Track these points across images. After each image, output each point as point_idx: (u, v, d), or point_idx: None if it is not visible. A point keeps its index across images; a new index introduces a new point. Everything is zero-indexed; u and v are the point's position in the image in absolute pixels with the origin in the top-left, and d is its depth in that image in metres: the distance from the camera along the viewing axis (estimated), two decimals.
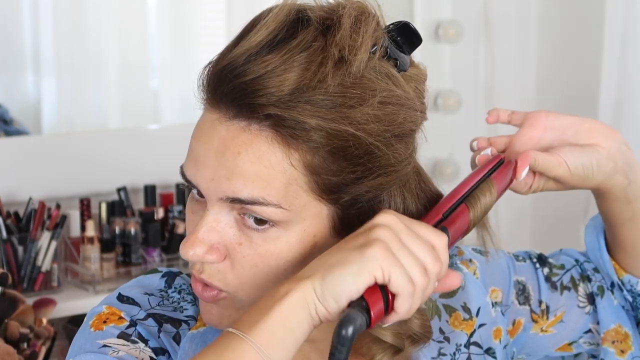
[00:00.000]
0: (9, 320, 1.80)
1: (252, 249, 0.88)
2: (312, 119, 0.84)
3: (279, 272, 0.88)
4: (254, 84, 0.84)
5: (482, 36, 2.77)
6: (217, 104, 0.88)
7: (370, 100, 0.86)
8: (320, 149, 0.85)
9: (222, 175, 0.86)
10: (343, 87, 0.85)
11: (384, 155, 0.88)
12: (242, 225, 0.88)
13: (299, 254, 0.88)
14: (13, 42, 2.37)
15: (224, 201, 0.87)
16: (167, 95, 2.57)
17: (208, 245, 0.88)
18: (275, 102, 0.84)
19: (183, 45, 2.55)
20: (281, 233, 0.87)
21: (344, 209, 0.89)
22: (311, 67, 0.85)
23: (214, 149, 0.87)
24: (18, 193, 2.13)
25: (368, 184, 0.88)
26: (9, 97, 2.37)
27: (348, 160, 0.86)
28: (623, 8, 2.44)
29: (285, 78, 0.84)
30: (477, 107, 2.79)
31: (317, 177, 0.86)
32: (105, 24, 2.43)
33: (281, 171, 0.85)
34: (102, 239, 2.11)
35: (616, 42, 2.46)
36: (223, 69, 0.87)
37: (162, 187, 2.30)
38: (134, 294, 0.96)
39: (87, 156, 2.25)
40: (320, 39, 0.86)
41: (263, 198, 0.85)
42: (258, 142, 0.85)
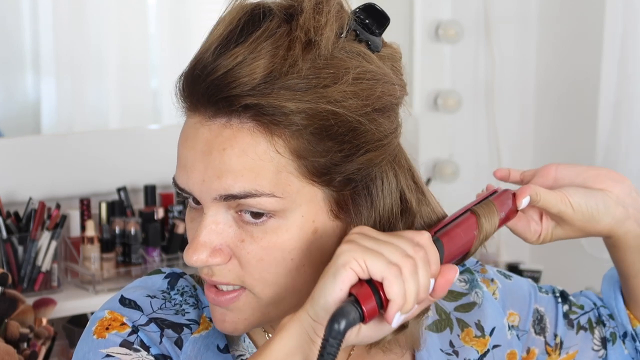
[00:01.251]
0: (9, 320, 1.80)
1: (255, 243, 0.88)
2: (289, 102, 0.85)
3: (286, 262, 0.88)
4: (226, 77, 0.85)
5: (482, 36, 2.77)
6: (195, 107, 0.88)
7: (344, 77, 0.86)
8: (303, 132, 0.85)
9: (211, 175, 0.86)
10: (315, 69, 0.86)
11: (368, 130, 0.88)
12: (241, 222, 0.88)
13: (301, 242, 0.88)
14: (13, 42, 2.37)
15: (218, 201, 0.87)
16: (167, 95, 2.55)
17: (210, 248, 0.88)
18: (250, 91, 0.84)
19: (183, 45, 2.55)
20: (280, 223, 0.87)
21: (338, 190, 0.89)
22: (279, 52, 0.85)
23: (199, 151, 0.87)
24: (18, 193, 2.13)
25: (357, 161, 0.88)
26: (9, 97, 2.37)
27: (333, 139, 0.87)
28: (623, 8, 2.44)
29: (256, 66, 0.84)
30: (477, 107, 2.79)
31: (305, 160, 0.86)
32: (105, 24, 2.43)
33: (268, 160, 0.85)
34: (102, 239, 2.11)
35: (616, 42, 2.46)
36: (193, 70, 0.88)
37: (162, 187, 2.30)
38: (137, 296, 0.96)
39: (87, 156, 2.25)
40: (284, 25, 0.87)
41: (255, 190, 0.85)
42: (241, 135, 0.86)
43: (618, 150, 2.47)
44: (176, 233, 2.16)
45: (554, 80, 2.81)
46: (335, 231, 0.90)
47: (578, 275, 2.65)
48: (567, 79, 2.77)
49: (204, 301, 0.98)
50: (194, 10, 2.57)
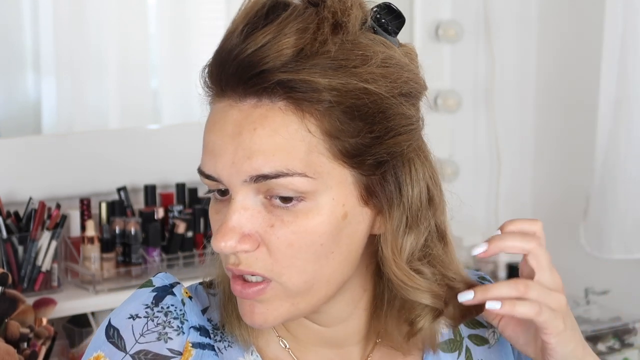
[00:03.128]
0: (9, 320, 1.80)
1: (285, 228, 0.87)
2: (321, 78, 0.84)
3: (315, 247, 0.87)
4: (256, 55, 0.84)
5: (482, 36, 2.77)
6: (223, 91, 0.88)
7: (373, 59, 0.87)
8: (335, 110, 0.85)
9: (241, 156, 0.86)
10: (344, 50, 0.86)
11: (396, 113, 0.88)
12: (271, 207, 0.87)
13: (332, 226, 0.87)
14: (13, 42, 2.37)
15: (248, 183, 0.86)
16: (167, 95, 2.57)
17: (239, 234, 0.87)
18: (282, 66, 0.84)
19: (183, 45, 2.55)
20: (311, 206, 0.86)
21: (368, 174, 0.88)
22: (308, 31, 0.85)
23: (229, 133, 0.87)
24: (18, 193, 2.13)
25: (387, 143, 0.88)
26: (9, 97, 2.37)
27: (363, 120, 0.86)
28: (622, 8, 2.44)
29: (286, 43, 0.84)
30: (477, 107, 2.80)
31: (336, 140, 0.86)
32: (105, 24, 2.43)
33: (300, 140, 0.85)
34: (102, 239, 2.11)
35: (616, 42, 2.46)
36: (221, 52, 0.87)
37: (162, 187, 2.30)
38: (121, 321, 0.95)
39: (87, 156, 2.25)
40: (311, 7, 0.87)
41: (287, 169, 0.85)
42: (272, 114, 0.85)
43: (618, 150, 2.47)
44: (176, 233, 2.16)
45: (554, 80, 2.81)
46: (364, 218, 0.90)
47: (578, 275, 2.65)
48: (567, 79, 2.77)
49: (190, 320, 0.96)
50: (194, 10, 2.56)
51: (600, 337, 2.39)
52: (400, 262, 0.91)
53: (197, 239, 2.22)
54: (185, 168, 2.30)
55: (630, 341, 2.44)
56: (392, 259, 0.91)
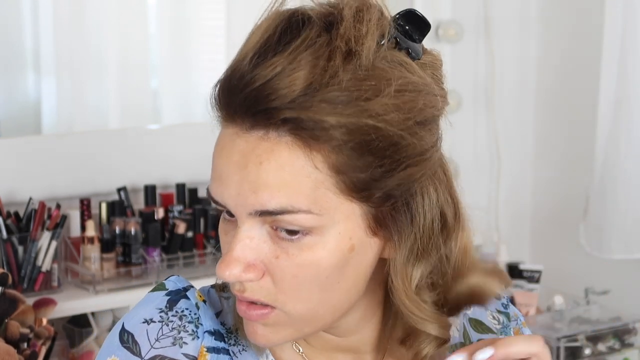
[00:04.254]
0: (9, 320, 1.80)
1: (290, 260, 0.85)
2: (330, 116, 0.82)
3: (320, 280, 0.86)
4: (264, 89, 0.82)
5: (482, 36, 2.77)
6: (232, 118, 0.85)
7: (387, 89, 0.83)
8: (343, 147, 0.82)
9: (247, 189, 0.84)
10: (356, 80, 0.83)
11: (409, 144, 0.85)
12: (276, 238, 0.85)
13: (337, 259, 0.86)
14: (13, 42, 2.37)
15: (253, 216, 0.85)
16: (167, 95, 2.57)
17: (244, 263, 0.86)
18: (289, 104, 0.81)
19: (183, 45, 2.55)
20: (316, 240, 0.85)
21: (377, 206, 0.86)
22: (319, 63, 0.82)
23: (235, 163, 0.85)
24: (18, 193, 2.13)
25: (398, 176, 0.85)
26: (9, 97, 2.37)
27: (373, 154, 0.84)
28: (622, 8, 2.44)
29: (295, 77, 0.81)
30: (477, 107, 2.80)
31: (344, 176, 0.83)
32: (105, 24, 2.43)
33: (306, 176, 0.83)
34: (102, 239, 2.11)
35: (616, 42, 2.46)
36: (230, 80, 0.84)
37: (162, 187, 2.30)
38: (135, 325, 0.94)
39: (87, 156, 2.25)
40: (324, 34, 0.84)
41: (292, 206, 0.83)
42: (278, 149, 0.83)
43: (618, 150, 2.47)
44: (176, 233, 2.16)
45: (554, 81, 2.81)
46: (372, 247, 0.88)
47: (578, 275, 2.65)
48: (567, 79, 2.77)
49: (205, 324, 0.95)
50: (194, 10, 2.56)
51: (600, 337, 2.39)
52: (410, 293, 0.89)
53: (197, 239, 2.22)
54: (185, 168, 2.30)
55: (630, 341, 2.44)
56: (403, 290, 0.89)
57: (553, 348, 2.31)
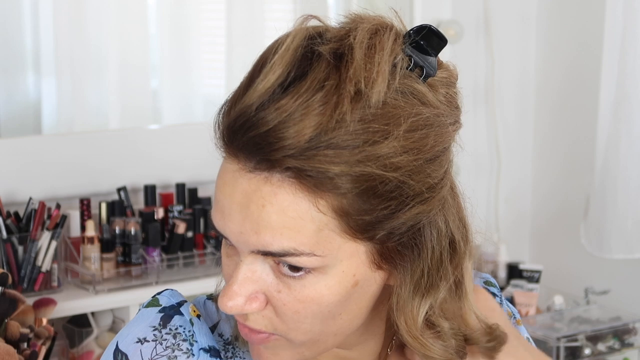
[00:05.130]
0: (9, 320, 1.80)
1: (292, 295, 0.84)
2: (334, 166, 0.80)
3: (322, 314, 0.85)
4: (269, 136, 0.79)
5: (482, 36, 2.77)
6: (235, 155, 0.83)
7: (396, 131, 0.81)
8: (348, 194, 0.81)
9: (249, 229, 0.83)
10: (364, 122, 0.80)
11: (416, 184, 0.83)
12: (279, 272, 0.84)
13: (340, 296, 0.85)
14: (13, 42, 2.37)
15: (255, 254, 0.84)
16: (167, 95, 2.57)
17: (246, 296, 0.85)
18: (294, 154, 0.79)
19: (183, 45, 2.55)
20: (320, 278, 0.84)
21: (382, 244, 0.85)
22: (327, 111, 0.79)
23: (237, 202, 0.83)
24: (18, 193, 2.13)
25: (403, 216, 0.84)
26: (9, 97, 2.37)
27: (379, 197, 0.82)
28: (623, 8, 2.44)
29: (302, 127, 0.79)
30: (477, 107, 2.80)
31: (348, 218, 0.82)
32: (105, 24, 2.43)
33: (309, 220, 0.81)
34: (102, 239, 2.11)
35: (616, 42, 2.46)
36: (236, 119, 0.82)
37: (162, 187, 2.30)
38: (128, 344, 0.93)
39: (87, 156, 2.25)
40: (334, 74, 0.81)
41: (294, 249, 0.82)
42: (281, 193, 0.81)
43: (618, 150, 2.47)
44: (176, 233, 2.16)
45: (554, 80, 2.81)
46: (376, 280, 0.87)
47: (578, 275, 2.66)
48: (567, 78, 2.77)
49: (200, 341, 0.95)
50: (194, 10, 2.56)
51: (600, 337, 2.39)
52: (414, 332, 0.88)
53: (197, 239, 2.22)
54: (185, 168, 2.30)
55: (630, 341, 2.44)
56: (406, 330, 0.88)
57: (553, 348, 2.31)
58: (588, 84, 2.64)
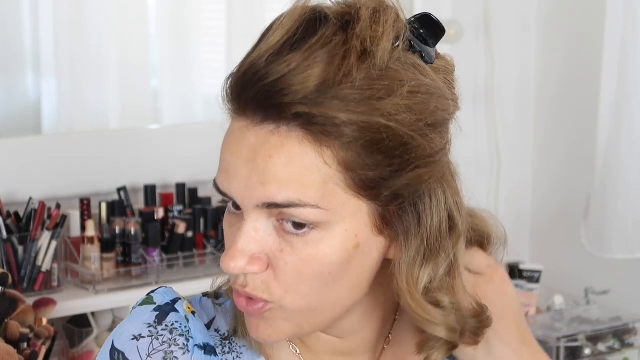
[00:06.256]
0: (9, 320, 1.80)
1: (294, 254, 0.85)
2: (341, 113, 0.82)
3: (323, 275, 0.86)
4: (278, 84, 0.82)
5: (482, 36, 2.77)
6: (243, 111, 0.86)
7: (399, 90, 0.84)
8: (354, 144, 0.83)
9: (255, 182, 0.84)
10: (369, 79, 0.84)
11: (419, 145, 0.86)
12: (282, 231, 0.86)
13: (342, 256, 0.86)
14: (13, 42, 2.37)
15: (260, 208, 0.85)
16: (167, 95, 2.57)
17: (249, 256, 0.86)
18: (302, 99, 0.82)
19: (183, 45, 2.55)
20: (322, 235, 0.85)
21: (384, 205, 0.87)
22: (334, 62, 0.83)
23: (244, 157, 0.85)
24: (18, 193, 2.13)
25: (406, 176, 0.86)
26: (9, 97, 2.37)
27: (383, 153, 0.84)
28: (623, 8, 2.44)
29: (309, 74, 0.82)
30: (477, 107, 2.79)
31: (353, 173, 0.84)
32: (105, 24, 2.43)
33: (315, 171, 0.83)
34: (102, 239, 2.11)
35: (616, 42, 2.46)
36: (245, 74, 0.85)
37: (162, 187, 2.30)
38: (124, 342, 0.93)
39: (87, 156, 2.25)
40: (340, 33, 0.85)
41: (300, 200, 0.83)
42: (289, 144, 0.83)
43: (618, 150, 2.47)
44: (176, 233, 2.16)
45: (554, 80, 2.81)
46: (377, 247, 0.89)
47: (578, 275, 2.65)
48: (567, 78, 2.77)
49: (195, 337, 0.95)
50: (194, 10, 2.56)
51: (600, 337, 2.38)
52: (416, 294, 0.89)
53: (197, 239, 2.22)
54: (185, 168, 2.30)
55: (630, 341, 2.43)
56: (407, 291, 0.89)
57: (553, 348, 2.31)
58: (588, 84, 2.64)
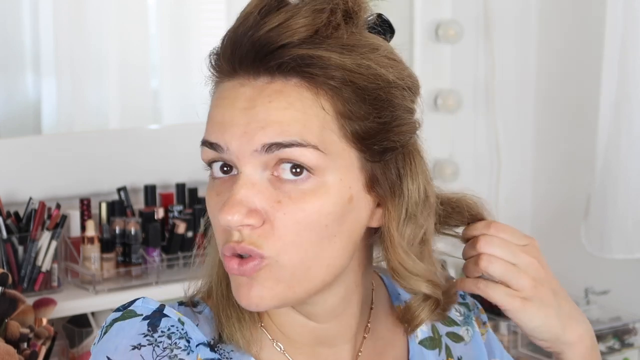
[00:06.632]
0: (9, 320, 1.79)
1: (292, 204, 0.87)
2: (335, 55, 0.87)
3: (320, 227, 0.88)
4: (272, 33, 0.86)
5: (482, 36, 2.77)
6: (235, 70, 0.89)
7: (380, 49, 0.91)
8: (347, 89, 0.88)
9: (255, 127, 0.86)
10: (354, 38, 0.90)
11: (401, 104, 0.91)
12: (278, 182, 0.87)
13: (338, 207, 0.89)
14: (13, 42, 2.37)
15: (259, 153, 0.86)
16: (167, 95, 2.57)
17: (247, 208, 0.87)
18: (298, 43, 0.87)
19: (183, 45, 2.55)
20: (319, 184, 0.88)
21: (373, 161, 0.91)
22: (323, 13, 0.88)
23: (240, 107, 0.87)
24: (18, 193, 2.13)
25: (393, 130, 0.91)
26: (9, 97, 2.37)
27: (372, 104, 0.89)
28: (623, 8, 2.44)
29: (302, 22, 0.87)
30: (477, 107, 2.79)
31: (347, 121, 0.88)
32: (105, 24, 2.43)
33: (314, 115, 0.87)
34: (102, 239, 2.11)
35: (616, 42, 2.46)
36: (235, 33, 0.88)
37: (162, 187, 2.30)
38: (124, 354, 0.89)
39: (87, 156, 2.25)
40: None
41: (302, 139, 0.86)
42: (286, 90, 0.87)
43: (618, 150, 2.47)
44: (176, 233, 2.16)
45: (554, 80, 2.81)
46: (366, 206, 0.92)
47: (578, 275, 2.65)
48: (567, 78, 2.77)
49: (195, 338, 0.94)
50: (194, 10, 2.56)
51: (600, 337, 2.39)
52: (404, 246, 0.93)
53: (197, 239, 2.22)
54: (185, 168, 2.30)
55: (630, 341, 2.44)
56: (398, 243, 0.93)
57: None
58: (588, 84, 2.64)
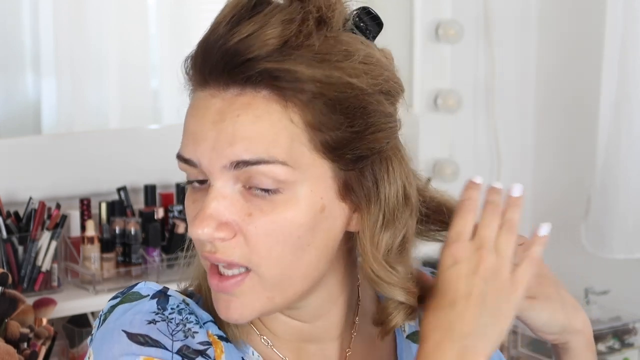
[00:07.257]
0: (9, 320, 1.79)
1: (263, 217, 0.86)
2: (305, 68, 0.85)
3: (293, 239, 0.87)
4: (241, 44, 0.85)
5: (482, 36, 2.77)
6: (206, 81, 0.88)
7: (355, 55, 0.88)
8: (317, 101, 0.86)
9: (223, 142, 0.86)
10: (327, 45, 0.87)
11: (376, 110, 0.89)
12: (249, 195, 0.87)
13: (309, 218, 0.88)
14: (13, 42, 2.37)
15: (228, 169, 0.86)
16: (167, 95, 2.57)
17: (217, 221, 0.87)
18: (266, 56, 0.85)
19: (183, 45, 2.55)
20: (289, 196, 0.87)
21: (347, 169, 0.89)
22: (294, 23, 0.86)
23: (210, 120, 0.87)
24: (18, 193, 2.13)
25: (367, 138, 0.89)
26: (9, 97, 2.37)
27: (344, 114, 0.87)
28: (623, 8, 2.44)
29: (271, 35, 0.85)
30: (477, 107, 2.79)
31: (318, 132, 0.86)
32: (105, 24, 2.43)
33: (282, 128, 0.86)
34: (102, 239, 2.11)
35: (616, 42, 2.46)
36: (206, 43, 0.88)
37: (162, 187, 2.30)
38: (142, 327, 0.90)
39: (87, 156, 2.25)
40: (296, 2, 0.88)
41: (268, 155, 0.85)
42: (255, 102, 0.86)
43: (619, 150, 2.47)
44: (176, 233, 2.16)
45: (554, 80, 2.81)
46: (341, 214, 0.91)
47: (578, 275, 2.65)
48: (567, 79, 2.77)
49: (201, 315, 0.95)
50: (194, 10, 2.56)
51: (600, 337, 2.38)
52: (378, 256, 0.92)
53: None
54: None
55: (630, 341, 2.44)
56: (370, 253, 0.91)
57: None
58: (589, 84, 2.64)
